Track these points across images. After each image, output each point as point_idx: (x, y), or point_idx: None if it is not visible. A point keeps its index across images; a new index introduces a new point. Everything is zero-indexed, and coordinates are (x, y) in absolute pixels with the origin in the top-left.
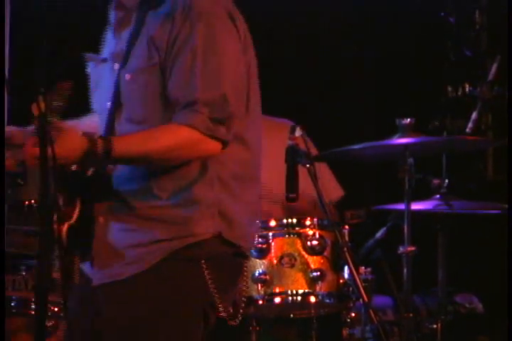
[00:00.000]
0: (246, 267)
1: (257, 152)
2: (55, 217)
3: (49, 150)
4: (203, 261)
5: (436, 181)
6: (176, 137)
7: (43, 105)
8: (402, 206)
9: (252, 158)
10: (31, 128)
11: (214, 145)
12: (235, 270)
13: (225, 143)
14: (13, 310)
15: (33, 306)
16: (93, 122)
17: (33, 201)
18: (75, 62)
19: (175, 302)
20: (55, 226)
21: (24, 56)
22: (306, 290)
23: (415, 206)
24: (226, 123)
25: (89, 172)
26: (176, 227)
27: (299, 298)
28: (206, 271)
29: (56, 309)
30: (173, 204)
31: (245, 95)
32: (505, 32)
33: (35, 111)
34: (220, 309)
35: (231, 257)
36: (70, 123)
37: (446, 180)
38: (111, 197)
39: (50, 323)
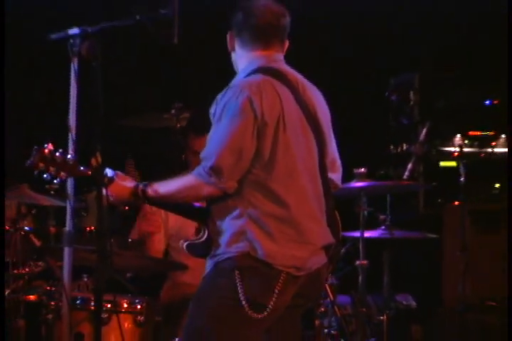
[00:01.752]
0: (283, 276)
1: (296, 198)
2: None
3: (104, 192)
4: (236, 271)
5: (382, 216)
6: (184, 182)
7: (99, 159)
8: (357, 233)
9: (288, 202)
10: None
11: (210, 189)
12: (267, 279)
13: (220, 188)
14: (78, 306)
15: (92, 303)
16: None
17: (92, 227)
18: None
19: (209, 294)
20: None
21: (84, 121)
22: None
23: (367, 234)
24: (216, 174)
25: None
26: (219, 246)
27: None
28: (238, 278)
29: (109, 305)
30: (217, 230)
31: (254, 156)
32: (432, 105)
33: (93, 163)
34: (244, 305)
35: (263, 269)
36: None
37: (389, 216)
38: None
39: (105, 315)
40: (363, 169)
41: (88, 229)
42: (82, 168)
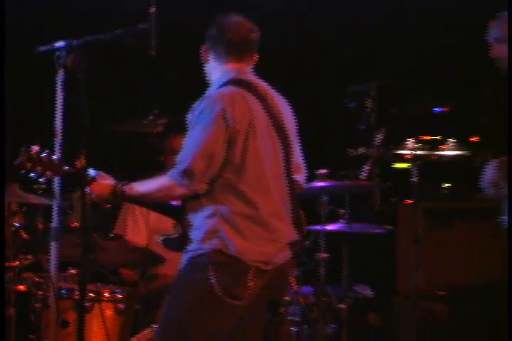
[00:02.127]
0: (252, 270)
1: (264, 199)
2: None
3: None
4: (210, 266)
5: (342, 211)
6: (159, 183)
7: (83, 161)
8: (319, 227)
9: (257, 203)
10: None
11: (182, 190)
12: (238, 273)
13: (192, 190)
14: (64, 296)
15: (76, 293)
16: None
17: (76, 224)
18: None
19: (184, 288)
20: (92, 240)
21: (70, 128)
22: None
23: (328, 227)
24: (188, 177)
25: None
26: (193, 242)
27: None
28: (211, 272)
29: (92, 294)
30: (192, 228)
31: (225, 161)
32: (387, 112)
33: (78, 165)
34: (219, 294)
35: (234, 265)
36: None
37: (348, 211)
38: None
39: (88, 304)
40: (324, 170)
41: (73, 225)
42: (66, 167)
